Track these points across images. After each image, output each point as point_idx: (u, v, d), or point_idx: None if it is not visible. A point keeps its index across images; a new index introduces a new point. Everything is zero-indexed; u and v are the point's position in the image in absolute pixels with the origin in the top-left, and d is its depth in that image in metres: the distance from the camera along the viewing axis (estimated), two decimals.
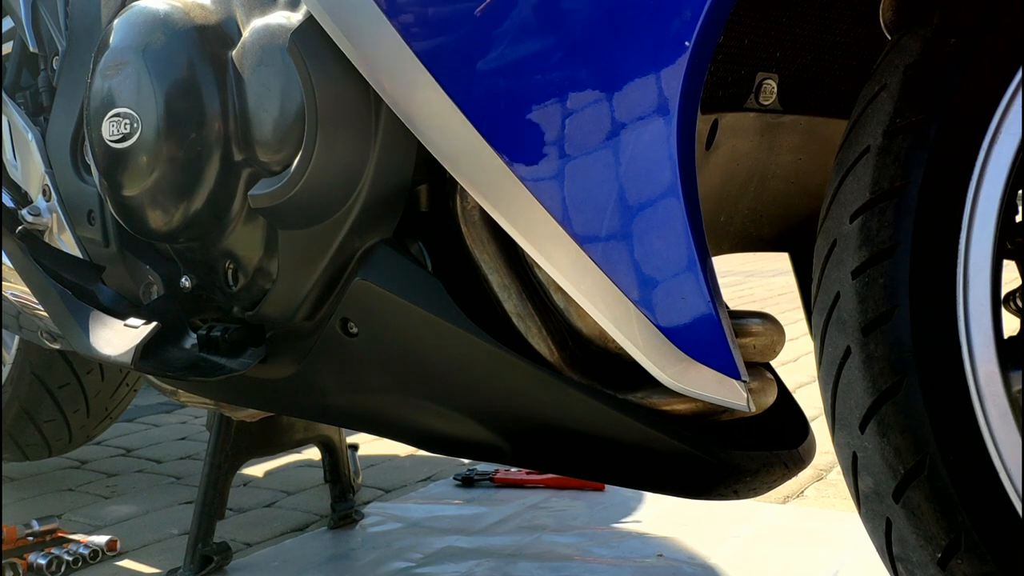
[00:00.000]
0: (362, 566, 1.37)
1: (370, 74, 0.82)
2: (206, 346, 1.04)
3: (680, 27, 0.70)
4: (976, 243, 0.67)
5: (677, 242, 0.72)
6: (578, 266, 0.75)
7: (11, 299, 1.32)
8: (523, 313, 0.85)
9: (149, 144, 0.97)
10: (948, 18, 0.70)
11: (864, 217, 0.70)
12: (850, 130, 0.74)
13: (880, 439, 0.69)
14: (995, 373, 0.66)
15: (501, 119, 0.77)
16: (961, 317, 0.67)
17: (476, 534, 1.49)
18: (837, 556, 1.35)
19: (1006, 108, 0.66)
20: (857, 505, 0.73)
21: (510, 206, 0.78)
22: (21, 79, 1.36)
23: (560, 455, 0.90)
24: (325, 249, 0.90)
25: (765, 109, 0.93)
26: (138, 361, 1.03)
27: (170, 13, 0.98)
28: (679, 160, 0.71)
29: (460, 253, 0.87)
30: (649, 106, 0.72)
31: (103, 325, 1.12)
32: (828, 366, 0.73)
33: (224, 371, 1.01)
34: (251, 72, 0.92)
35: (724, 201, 0.98)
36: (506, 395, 0.88)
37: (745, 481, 0.85)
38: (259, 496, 1.73)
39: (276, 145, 0.91)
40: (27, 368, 1.72)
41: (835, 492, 1.63)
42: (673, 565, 1.34)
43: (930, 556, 0.68)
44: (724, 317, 0.73)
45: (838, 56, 0.97)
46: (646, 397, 0.83)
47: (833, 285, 0.72)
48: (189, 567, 1.32)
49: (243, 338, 1.01)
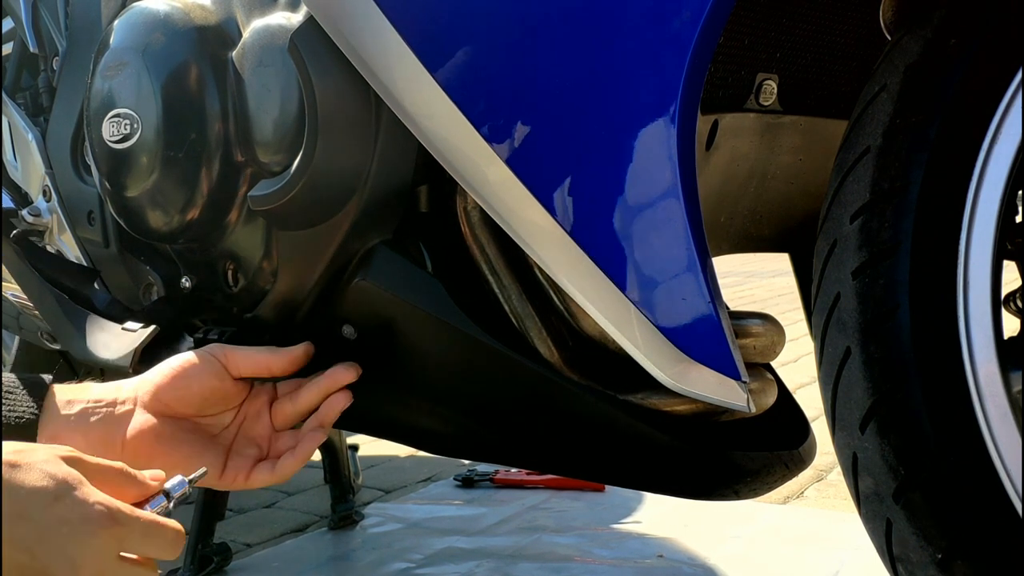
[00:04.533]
0: (362, 567, 1.37)
1: (370, 74, 0.82)
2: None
3: (680, 27, 0.70)
4: (976, 243, 0.67)
5: (677, 242, 0.72)
6: (578, 266, 0.75)
7: (11, 300, 1.32)
8: (523, 313, 0.85)
9: (149, 145, 0.97)
10: (948, 18, 0.70)
11: (864, 217, 0.70)
12: (850, 130, 0.74)
13: (880, 440, 0.69)
14: (995, 373, 0.66)
15: (501, 119, 0.77)
16: (961, 317, 0.67)
17: (476, 535, 1.49)
18: (837, 556, 1.35)
19: (1006, 108, 0.66)
20: (857, 506, 0.73)
21: (510, 207, 0.78)
22: (21, 79, 1.36)
23: (561, 455, 0.90)
24: (325, 250, 0.90)
25: (765, 110, 0.93)
26: (137, 365, 1.03)
27: (170, 14, 0.97)
28: (679, 160, 0.71)
29: (460, 254, 0.87)
30: (649, 107, 0.72)
31: (101, 329, 1.12)
32: (828, 367, 0.73)
33: None
34: (251, 73, 0.92)
35: (724, 201, 0.98)
36: (507, 395, 0.88)
37: (746, 481, 0.85)
38: (259, 496, 1.73)
39: (276, 145, 0.91)
40: (27, 369, 1.72)
41: (835, 492, 1.63)
42: (673, 565, 1.34)
43: (930, 557, 0.68)
44: (724, 318, 0.73)
45: (838, 56, 0.97)
46: (646, 397, 0.83)
47: (833, 285, 0.72)
48: (189, 567, 1.31)
49: (240, 341, 1.00)
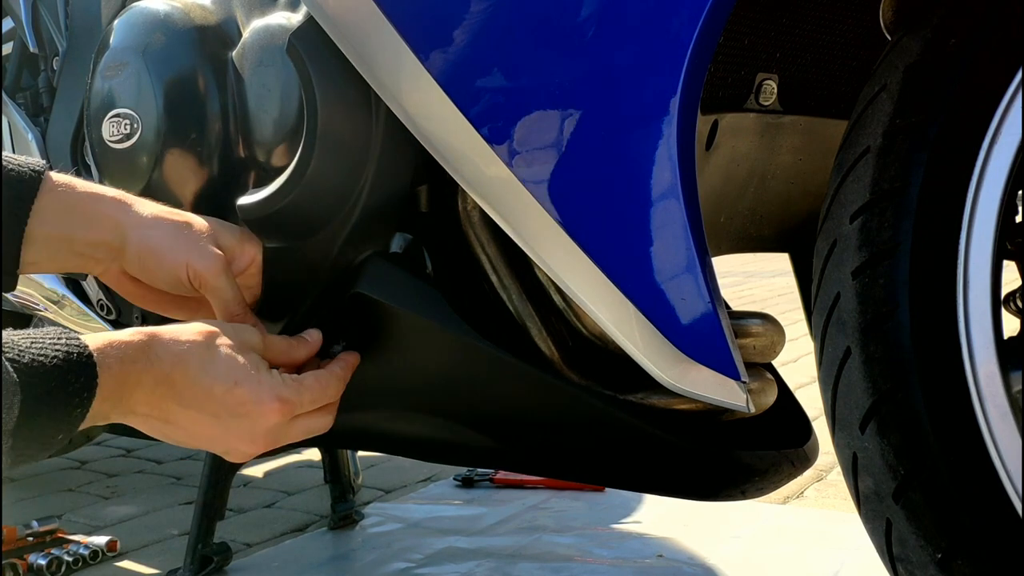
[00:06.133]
0: (362, 567, 1.37)
1: (370, 74, 0.81)
2: None
3: (680, 27, 0.70)
4: (976, 243, 0.67)
5: (677, 242, 0.72)
6: (578, 266, 0.75)
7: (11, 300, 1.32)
8: (523, 314, 0.85)
9: (149, 145, 0.97)
10: (948, 18, 0.70)
11: (864, 217, 0.70)
12: (850, 130, 0.74)
13: (880, 439, 0.69)
14: (995, 373, 0.66)
15: (501, 120, 0.77)
16: (961, 317, 0.67)
17: (476, 535, 1.49)
18: (837, 556, 1.35)
19: (1006, 108, 0.66)
20: (857, 506, 0.73)
21: (510, 207, 0.77)
22: (21, 79, 1.36)
23: (563, 459, 0.89)
24: (318, 261, 0.89)
25: (765, 110, 0.93)
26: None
27: (170, 14, 0.97)
28: (679, 160, 0.71)
29: (460, 254, 0.87)
30: (649, 107, 0.72)
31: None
32: (828, 366, 0.73)
33: None
34: (251, 73, 0.92)
35: (724, 201, 0.98)
36: (508, 400, 0.87)
37: (754, 481, 0.85)
38: (259, 496, 1.73)
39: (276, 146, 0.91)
40: None
41: (835, 492, 1.63)
42: (673, 566, 1.34)
43: (930, 557, 0.68)
44: (724, 318, 0.73)
45: (838, 56, 0.97)
46: (647, 397, 0.83)
47: (833, 285, 0.72)
48: (189, 567, 1.32)
49: None
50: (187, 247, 0.84)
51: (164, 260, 0.84)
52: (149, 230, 0.84)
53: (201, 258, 0.84)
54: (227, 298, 0.85)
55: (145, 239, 0.84)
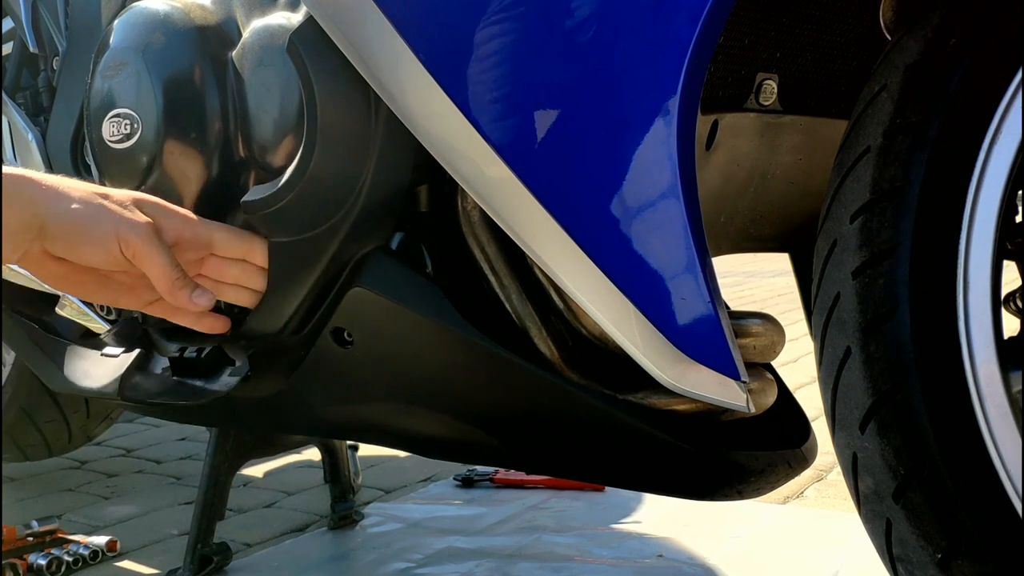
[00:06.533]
0: (362, 566, 1.37)
1: (370, 74, 0.81)
2: (180, 369, 1.01)
3: (680, 27, 0.70)
4: (976, 243, 0.67)
5: (677, 242, 0.72)
6: (578, 266, 0.75)
7: None
8: (523, 313, 0.85)
9: (149, 145, 0.97)
10: (948, 18, 0.70)
11: (864, 217, 0.70)
12: (850, 130, 0.74)
13: (880, 440, 0.69)
14: (995, 373, 0.66)
15: (501, 119, 0.77)
16: (961, 317, 0.67)
17: (476, 534, 1.48)
18: (837, 556, 1.34)
19: (1006, 108, 0.66)
20: (857, 506, 0.73)
21: (509, 207, 0.77)
22: (21, 79, 1.36)
23: (562, 458, 0.89)
24: (320, 256, 0.89)
25: (765, 109, 0.93)
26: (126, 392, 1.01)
27: (170, 14, 0.97)
28: (679, 160, 0.71)
29: (460, 254, 0.87)
30: (649, 106, 0.72)
31: (78, 357, 1.10)
32: (828, 367, 0.73)
33: (206, 394, 0.99)
34: (251, 73, 0.92)
35: (724, 201, 0.98)
36: (507, 397, 0.87)
37: (750, 481, 0.85)
38: (259, 496, 1.73)
39: (276, 146, 0.91)
40: (27, 369, 1.72)
41: (835, 492, 1.63)
42: (673, 566, 1.34)
43: (930, 557, 0.68)
44: (724, 318, 0.73)
45: (838, 56, 0.97)
46: (646, 397, 0.83)
47: (833, 285, 0.72)
48: (189, 567, 1.31)
49: (221, 356, 0.98)
50: (114, 217, 0.82)
51: (91, 233, 0.81)
52: (70, 204, 0.82)
53: (130, 226, 0.82)
54: (163, 262, 0.83)
55: (68, 213, 0.81)
